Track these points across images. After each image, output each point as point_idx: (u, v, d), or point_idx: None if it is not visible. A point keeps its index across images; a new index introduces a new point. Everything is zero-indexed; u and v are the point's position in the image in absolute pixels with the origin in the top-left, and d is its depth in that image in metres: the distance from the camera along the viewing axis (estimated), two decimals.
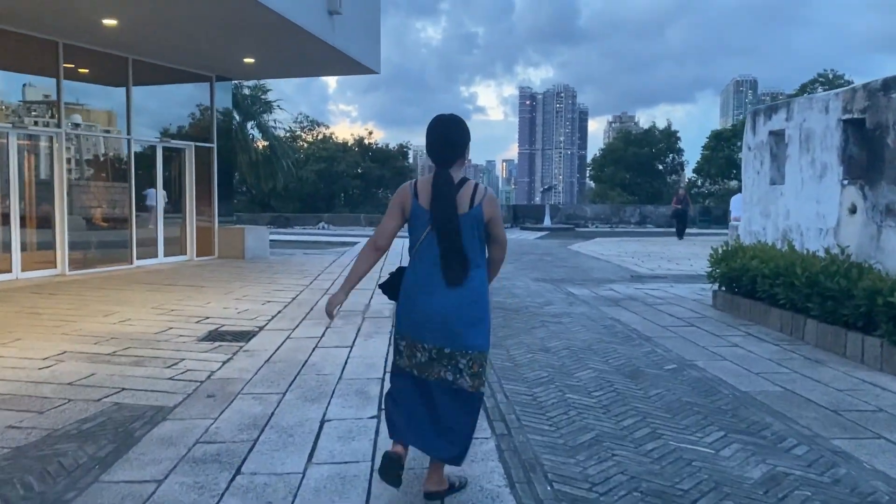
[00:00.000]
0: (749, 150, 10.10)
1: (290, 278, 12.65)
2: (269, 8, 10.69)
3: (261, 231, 17.07)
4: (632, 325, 8.34)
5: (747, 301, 8.66)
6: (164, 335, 7.75)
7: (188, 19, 11.31)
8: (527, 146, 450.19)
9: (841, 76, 44.54)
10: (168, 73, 14.93)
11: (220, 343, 7.41)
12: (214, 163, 16.18)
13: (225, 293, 10.81)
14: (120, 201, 14.25)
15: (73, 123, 13.44)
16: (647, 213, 34.96)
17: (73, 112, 13.31)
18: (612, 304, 10.03)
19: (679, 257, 17.76)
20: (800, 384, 5.80)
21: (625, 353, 6.88)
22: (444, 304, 3.34)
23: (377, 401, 5.29)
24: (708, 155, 49.33)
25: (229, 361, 6.61)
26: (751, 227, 10.05)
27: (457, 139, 3.37)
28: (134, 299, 10.17)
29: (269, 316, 8.94)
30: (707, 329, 8.13)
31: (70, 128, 12.94)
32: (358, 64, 14.45)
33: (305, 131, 50.21)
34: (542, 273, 14.04)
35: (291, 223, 34.60)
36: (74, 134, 13.22)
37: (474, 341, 3.37)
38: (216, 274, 13.31)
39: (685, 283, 12.64)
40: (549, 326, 8.26)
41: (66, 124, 12.65)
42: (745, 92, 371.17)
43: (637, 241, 24.47)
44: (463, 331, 3.34)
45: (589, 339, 7.57)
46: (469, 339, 3.36)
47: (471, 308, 3.36)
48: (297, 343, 7.37)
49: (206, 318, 8.72)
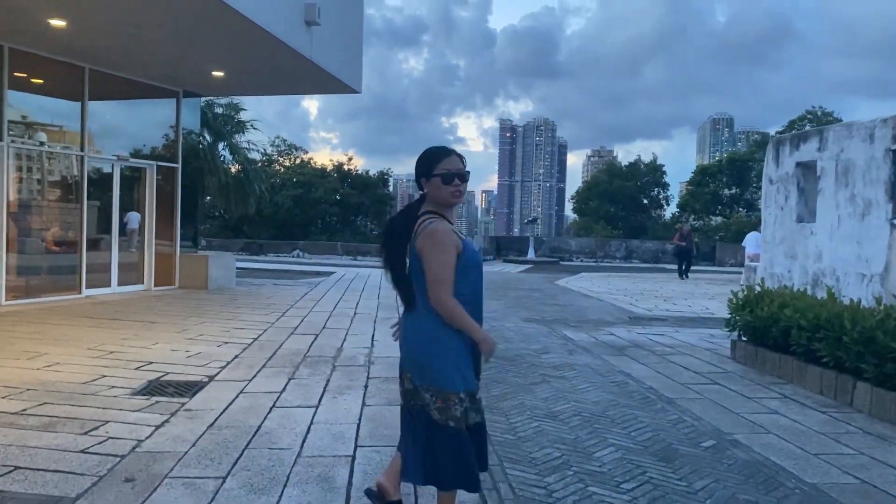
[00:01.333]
0: (771, 184, 9.06)
1: (254, 313, 11.36)
2: (239, 13, 9.55)
3: (226, 259, 15.75)
4: (646, 382, 7.17)
5: (776, 355, 7.54)
6: (92, 386, 6.46)
7: (148, 23, 10.13)
8: (506, 177, 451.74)
9: (830, 113, 44.30)
10: (131, 87, 13.70)
11: (159, 398, 6.13)
12: (178, 184, 14.90)
13: (178, 331, 9.51)
14: (71, 223, 12.91)
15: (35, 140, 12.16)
16: (633, 247, 34.04)
17: (20, 125, 12.03)
18: (616, 352, 8.88)
19: (674, 296, 16.70)
20: (876, 473, 4.64)
21: (648, 422, 5.70)
22: (405, 330, 3.38)
23: (345, 493, 4.06)
24: (693, 190, 48.78)
25: (164, 425, 5.34)
26: (773, 269, 8.97)
27: (415, 171, 3.36)
28: (70, 337, 8.83)
29: (223, 362, 7.66)
30: (734, 389, 6.98)
31: (14, 142, 11.61)
32: (337, 81, 13.33)
33: (283, 155, 48.96)
34: (532, 312, 12.87)
35: (265, 250, 33.20)
36: (19, 149, 11.88)
37: (433, 375, 3.24)
38: (172, 307, 11.97)
39: (689, 326, 11.55)
40: (552, 382, 7.07)
41: (7, 139, 11.33)
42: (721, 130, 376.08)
43: (625, 276, 23.42)
44: (421, 362, 3.28)
45: (601, 400, 6.39)
46: (427, 373, 3.25)
47: (426, 345, 3.25)
48: (251, 400, 6.11)
49: (148, 364, 7.43)
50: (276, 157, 48.03)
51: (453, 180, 3.24)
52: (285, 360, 7.79)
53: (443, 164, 3.25)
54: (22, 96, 12.01)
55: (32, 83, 12.26)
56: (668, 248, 27.51)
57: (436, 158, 3.27)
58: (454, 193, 3.24)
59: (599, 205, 52.63)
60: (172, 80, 14.02)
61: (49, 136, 12.67)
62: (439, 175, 3.23)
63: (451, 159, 3.26)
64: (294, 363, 7.66)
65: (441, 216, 3.25)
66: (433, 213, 3.25)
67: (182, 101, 14.86)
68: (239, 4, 9.40)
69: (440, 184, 3.23)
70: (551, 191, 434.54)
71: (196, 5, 9.42)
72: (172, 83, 14.23)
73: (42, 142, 12.51)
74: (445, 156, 3.27)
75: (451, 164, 3.25)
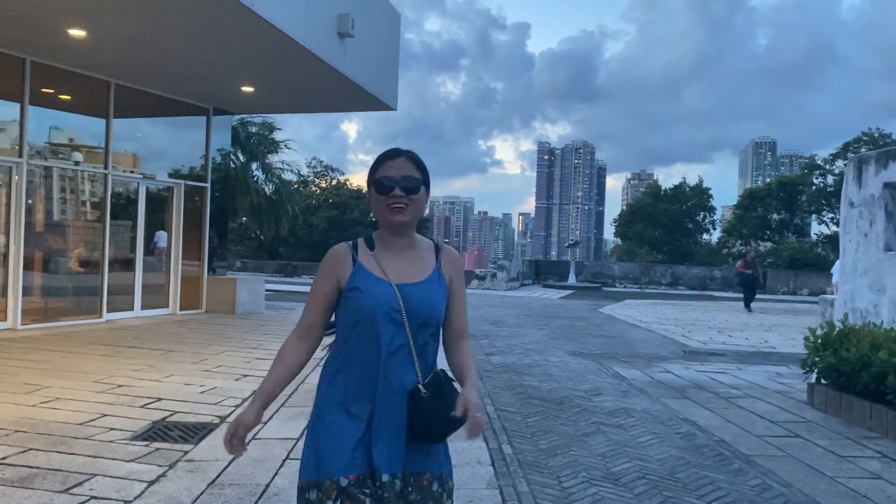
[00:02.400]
0: (852, 207, 8.07)
1: (280, 342, 10.56)
2: (269, 22, 8.95)
3: (255, 283, 15.12)
4: (716, 434, 6.23)
5: (866, 404, 6.54)
6: (89, 427, 5.74)
7: (173, 34, 9.58)
8: (544, 200, 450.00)
9: (888, 135, 42.49)
10: (159, 103, 13.21)
11: (160, 445, 5.40)
12: (207, 204, 14.34)
13: (195, 361, 8.81)
14: (93, 244, 12.38)
15: (57, 158, 11.72)
16: (679, 273, 32.78)
17: (43, 142, 11.58)
18: (677, 394, 7.93)
19: (729, 328, 15.62)
20: None
21: (727, 488, 4.77)
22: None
23: None
24: (740, 214, 47.20)
25: (159, 480, 4.59)
26: (854, 304, 7.96)
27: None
28: (79, 368, 8.18)
29: (238, 399, 6.91)
30: (821, 444, 6.00)
31: (33, 159, 11.13)
32: (371, 97, 12.67)
33: (319, 177, 48.65)
34: (578, 345, 11.94)
35: (299, 272, 32.71)
36: (39, 166, 11.40)
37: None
38: (195, 333, 11.31)
39: (751, 363, 10.55)
40: (607, 432, 6.16)
41: (25, 156, 10.84)
42: (764, 153, 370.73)
43: (673, 305, 22.31)
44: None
45: (667, 457, 5.47)
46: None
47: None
48: (261, 449, 5.33)
49: (156, 401, 6.71)
50: (311, 178, 47.76)
51: (392, 189, 2.31)
52: (306, 399, 7.00)
53: (383, 168, 2.36)
54: (45, 112, 11.55)
55: (55, 98, 11.81)
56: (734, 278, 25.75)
57: (376, 163, 2.39)
58: (390, 206, 2.31)
59: (643, 229, 51.25)
60: (202, 97, 13.50)
61: (73, 154, 12.20)
62: (374, 182, 2.36)
63: (397, 163, 2.36)
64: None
65: (364, 240, 2.43)
66: (365, 237, 2.45)
67: (212, 118, 14.34)
68: (268, 14, 8.80)
69: (375, 194, 2.35)
70: (590, 214, 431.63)
71: (223, 15, 8.84)
72: (202, 100, 13.72)
73: (65, 159, 12.04)
74: (388, 158, 2.37)
75: (392, 168, 2.34)
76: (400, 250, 2.36)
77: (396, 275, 2.31)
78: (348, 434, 2.24)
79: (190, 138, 14.43)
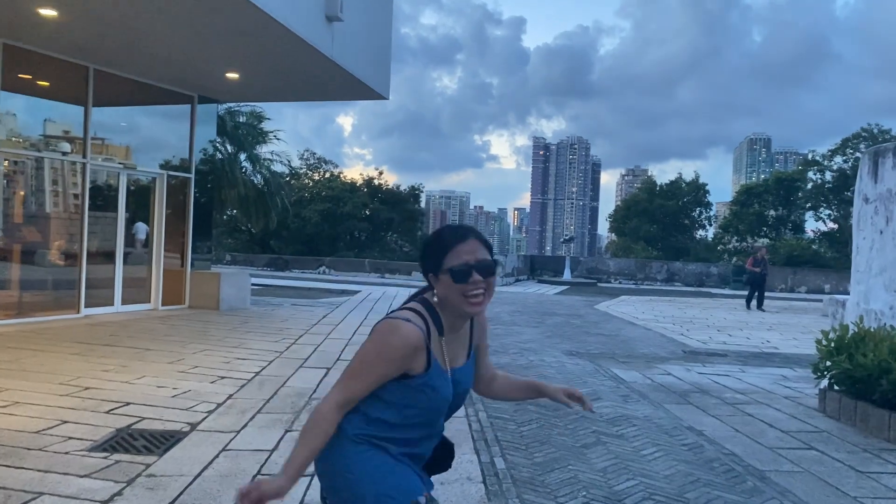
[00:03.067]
0: (867, 203, 7.63)
1: (263, 340, 10.17)
2: (253, 3, 8.45)
3: (240, 277, 14.61)
4: (725, 445, 5.79)
5: (884, 413, 6.11)
6: (45, 436, 5.28)
7: (149, 13, 9.06)
8: (539, 195, 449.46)
9: (887, 131, 42.07)
10: (141, 90, 12.68)
11: (121, 456, 4.94)
12: (191, 195, 13.83)
13: (171, 361, 8.34)
14: (71, 236, 11.88)
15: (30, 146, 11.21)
16: (675, 269, 32.35)
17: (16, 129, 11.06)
18: (679, 399, 7.49)
19: (728, 326, 15.20)
20: None
21: None
22: None
23: None
24: (737, 210, 46.79)
25: (113, 500, 4.13)
26: (868, 305, 7.52)
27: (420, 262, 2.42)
28: (46, 368, 7.69)
29: (212, 404, 6.45)
30: (838, 457, 5.57)
31: (7, 147, 10.62)
32: (362, 85, 12.17)
33: (312, 169, 47.98)
34: (574, 343, 11.50)
35: (290, 266, 32.19)
36: (10, 153, 10.88)
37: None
38: (175, 331, 10.83)
39: (754, 364, 10.13)
40: (607, 443, 5.71)
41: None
42: (758, 150, 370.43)
43: (670, 302, 21.89)
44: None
45: (674, 472, 5.02)
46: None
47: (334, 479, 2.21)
48: (232, 462, 4.87)
49: (123, 406, 6.25)
50: (304, 170, 47.10)
51: (470, 276, 2.11)
52: (286, 404, 6.56)
53: (454, 253, 2.13)
54: (18, 98, 11.03)
55: (31, 84, 11.29)
56: (743, 275, 25.05)
57: (442, 246, 2.16)
58: (470, 298, 2.12)
59: (638, 224, 50.78)
60: (185, 84, 12.98)
61: (49, 143, 11.68)
62: (448, 270, 2.13)
63: (469, 246, 2.14)
64: (295, 408, 6.41)
65: (430, 315, 2.16)
66: (425, 306, 2.18)
67: (197, 107, 13.82)
68: None
69: (450, 282, 2.12)
70: (584, 209, 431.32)
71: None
72: (185, 87, 13.20)
73: (40, 149, 11.52)
74: (457, 241, 2.15)
75: (465, 252, 2.13)
76: (457, 330, 2.24)
77: (450, 358, 2.22)
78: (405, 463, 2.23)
79: (174, 127, 13.91)
